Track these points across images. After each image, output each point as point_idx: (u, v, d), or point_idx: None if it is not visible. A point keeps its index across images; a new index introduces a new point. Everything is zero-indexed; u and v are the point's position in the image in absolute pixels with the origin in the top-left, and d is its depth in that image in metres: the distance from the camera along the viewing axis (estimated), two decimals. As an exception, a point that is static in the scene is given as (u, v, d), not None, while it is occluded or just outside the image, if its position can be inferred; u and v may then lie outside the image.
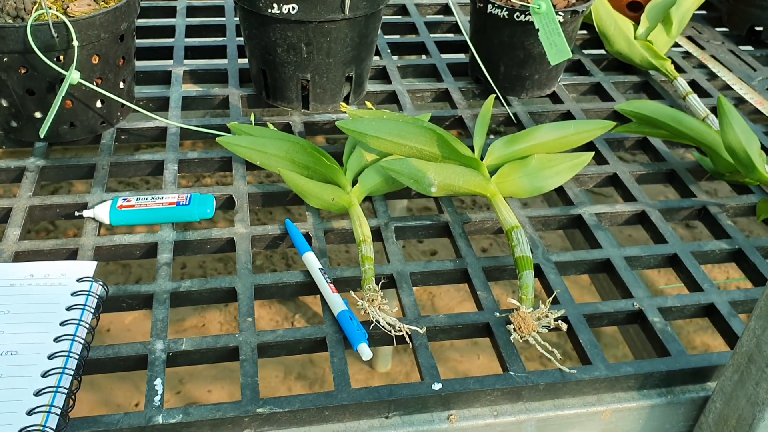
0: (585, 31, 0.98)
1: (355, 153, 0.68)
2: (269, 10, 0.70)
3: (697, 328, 1.72)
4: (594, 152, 0.72)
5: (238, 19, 0.78)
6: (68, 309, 0.52)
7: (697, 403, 0.55)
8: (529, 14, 0.75)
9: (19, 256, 0.59)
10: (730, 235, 0.66)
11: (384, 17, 1.00)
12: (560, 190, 0.71)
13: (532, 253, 0.62)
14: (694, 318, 0.60)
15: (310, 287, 0.59)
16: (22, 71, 0.66)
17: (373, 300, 0.54)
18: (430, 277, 0.61)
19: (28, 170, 0.68)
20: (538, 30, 0.74)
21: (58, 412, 0.46)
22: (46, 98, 0.67)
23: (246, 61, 0.82)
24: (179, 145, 0.73)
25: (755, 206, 0.70)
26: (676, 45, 0.98)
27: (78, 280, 0.55)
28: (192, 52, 0.88)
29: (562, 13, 0.76)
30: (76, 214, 0.64)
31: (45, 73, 0.65)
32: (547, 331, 0.54)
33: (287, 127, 0.76)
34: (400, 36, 0.98)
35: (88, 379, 0.45)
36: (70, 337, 0.50)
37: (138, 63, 0.79)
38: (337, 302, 0.55)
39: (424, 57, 0.94)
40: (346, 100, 0.79)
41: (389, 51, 0.91)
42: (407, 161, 0.64)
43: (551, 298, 0.56)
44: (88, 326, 0.52)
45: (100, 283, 0.55)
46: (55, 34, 0.63)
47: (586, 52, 0.95)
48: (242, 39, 0.79)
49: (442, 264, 0.61)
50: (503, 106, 0.81)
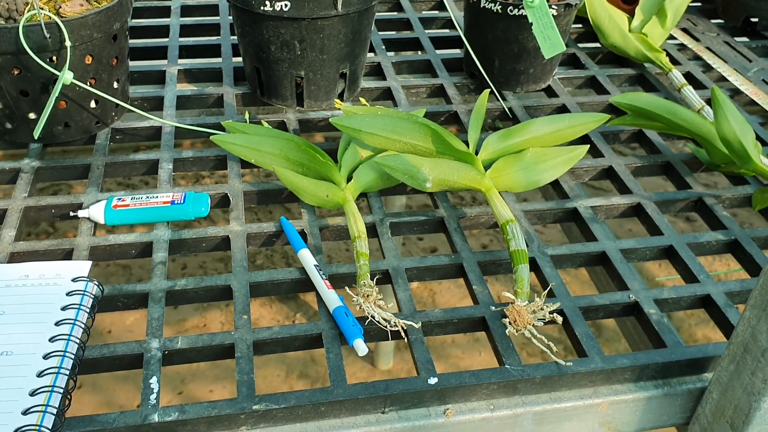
0: (580, 25, 0.98)
1: (350, 149, 0.68)
2: (262, 8, 0.70)
3: (699, 321, 1.72)
4: (589, 145, 0.72)
5: (232, 18, 0.78)
6: (63, 309, 0.52)
7: (694, 394, 0.55)
8: (523, 8, 0.75)
9: (15, 257, 0.59)
10: (726, 226, 0.66)
11: (378, 13, 1.00)
12: (555, 184, 0.71)
13: (528, 246, 0.62)
14: (690, 309, 0.60)
15: (306, 284, 0.59)
16: (15, 72, 0.66)
17: (368, 296, 0.54)
18: (425, 272, 0.61)
19: (22, 171, 0.68)
20: (532, 24, 0.74)
21: (54, 412, 0.46)
22: (40, 99, 0.67)
23: (240, 60, 0.82)
24: (176, 145, 0.73)
25: (751, 197, 0.70)
26: (671, 37, 0.97)
27: (73, 280, 0.55)
28: (186, 52, 0.88)
29: (556, 7, 0.76)
30: (71, 214, 0.64)
31: (38, 73, 0.65)
32: (542, 324, 0.54)
33: (282, 125, 0.76)
34: (395, 32, 0.98)
35: (90, 381, 0.45)
36: (66, 337, 0.50)
37: (132, 63, 0.79)
38: (332, 298, 0.55)
39: (419, 53, 0.94)
40: (341, 96, 0.79)
41: (384, 47, 0.91)
42: (402, 157, 0.64)
43: (546, 291, 0.56)
44: (83, 326, 0.52)
45: (96, 282, 0.55)
46: (48, 35, 0.63)
47: (581, 45, 0.94)
48: (236, 37, 0.79)
49: (437, 259, 0.61)
50: (498, 100, 0.81)
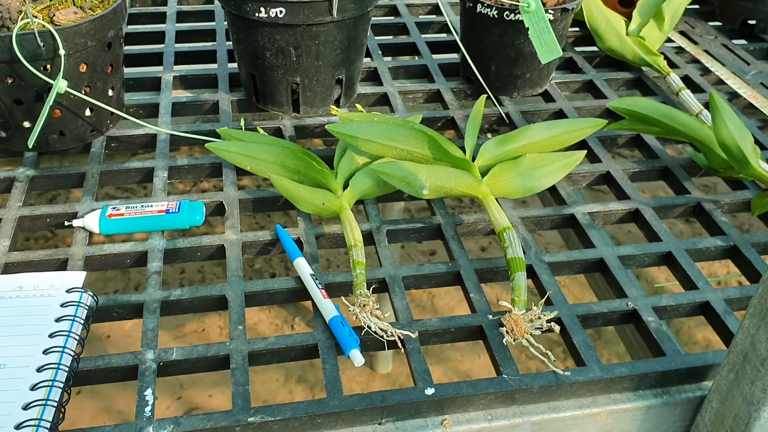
0: (577, 29, 0.98)
1: (346, 156, 0.68)
2: (256, 15, 0.70)
3: (699, 323, 1.71)
4: (586, 151, 0.71)
5: (227, 24, 0.78)
6: (57, 320, 0.52)
7: (694, 403, 0.54)
8: (519, 13, 0.74)
9: (9, 268, 0.59)
10: (725, 232, 0.66)
11: (375, 18, 1.00)
12: (553, 190, 0.70)
13: (525, 253, 0.62)
14: (689, 317, 0.60)
15: (302, 293, 0.58)
16: (9, 81, 0.65)
17: (364, 305, 0.54)
18: (422, 280, 0.61)
19: (17, 180, 0.68)
20: (528, 29, 0.74)
21: (48, 426, 0.45)
22: (35, 108, 0.67)
23: (236, 66, 0.82)
24: (171, 152, 0.72)
25: (750, 202, 0.70)
26: (669, 40, 0.97)
27: (67, 291, 0.54)
28: (182, 58, 0.88)
29: (552, 11, 0.75)
30: (66, 224, 0.63)
31: (32, 82, 0.65)
32: (540, 333, 0.54)
33: (278, 132, 0.76)
34: (392, 37, 0.98)
35: (90, 387, 0.45)
36: (60, 349, 0.50)
37: (127, 70, 0.79)
38: (328, 308, 0.55)
39: (415, 58, 0.93)
40: (337, 102, 0.79)
41: (380, 52, 0.90)
42: (398, 164, 0.64)
43: (544, 300, 0.55)
44: (77, 337, 0.51)
45: (90, 293, 0.55)
46: (42, 43, 0.63)
47: (578, 49, 0.94)
48: (231, 43, 0.79)
49: (434, 267, 0.61)
50: (495, 105, 0.81)
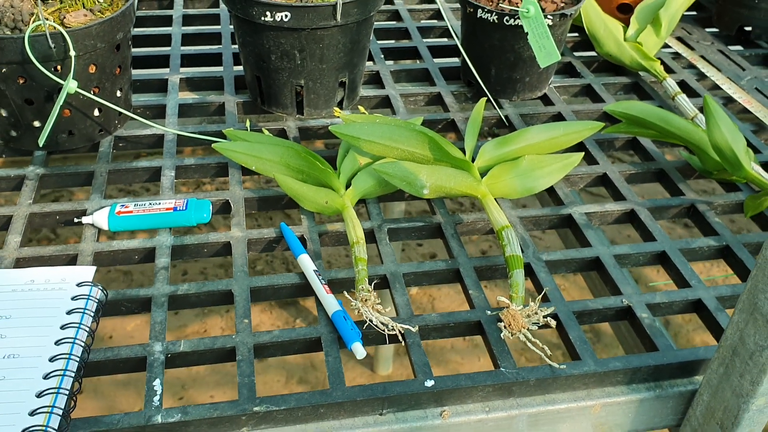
0: (576, 34, 1.00)
1: (349, 157, 0.69)
2: (262, 18, 0.71)
3: (696, 326, 1.73)
4: (584, 153, 0.73)
5: (233, 27, 0.79)
6: (68, 313, 0.53)
7: (685, 397, 0.56)
8: (518, 18, 0.76)
9: (20, 263, 0.61)
10: (718, 232, 0.68)
11: (377, 23, 1.01)
12: (551, 191, 0.72)
13: (523, 252, 0.63)
14: (682, 314, 0.61)
15: (305, 289, 0.60)
16: (21, 81, 0.67)
17: (366, 300, 0.55)
18: (422, 277, 0.62)
19: (27, 178, 0.69)
20: (527, 33, 0.75)
21: (60, 413, 0.47)
22: (45, 107, 0.69)
23: (241, 69, 0.84)
24: (177, 152, 0.74)
25: (743, 203, 0.72)
26: (666, 46, 0.99)
27: (78, 285, 0.56)
28: (188, 60, 0.90)
29: (551, 17, 0.77)
30: (75, 220, 0.65)
31: (43, 82, 0.67)
32: (537, 328, 0.55)
33: (282, 133, 0.78)
34: (394, 41, 1.00)
35: (92, 387, 0.46)
36: (71, 340, 0.51)
37: (135, 71, 0.81)
38: (331, 303, 0.56)
39: (417, 62, 0.95)
40: (340, 105, 0.81)
41: (382, 56, 0.92)
42: (399, 164, 0.65)
43: (541, 296, 0.57)
44: (88, 329, 0.53)
45: (100, 287, 0.56)
46: (53, 45, 0.65)
47: (577, 54, 0.96)
48: (237, 47, 0.80)
49: (434, 264, 0.63)
50: (495, 108, 0.82)
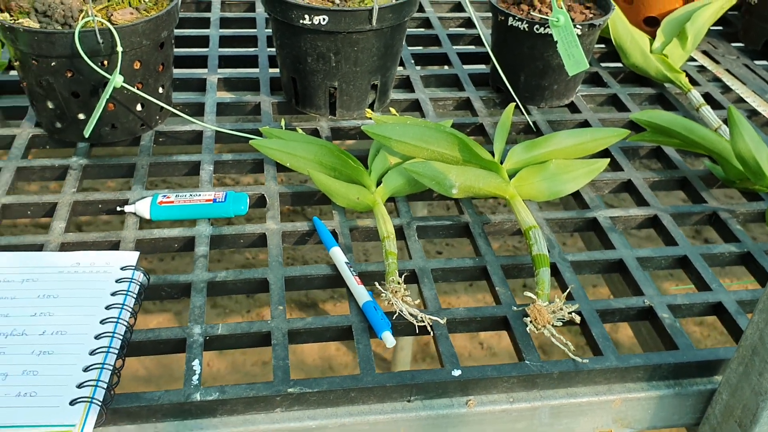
0: (603, 45, 1.01)
1: (380, 156, 0.71)
2: (301, 21, 0.74)
3: (715, 342, 1.73)
4: (609, 159, 0.75)
5: (271, 30, 0.82)
6: (113, 294, 0.56)
7: (705, 396, 0.57)
8: (548, 27, 0.78)
9: (65, 247, 0.63)
10: (739, 239, 0.69)
11: (408, 30, 1.04)
12: (576, 195, 0.74)
13: (549, 252, 0.65)
14: (702, 316, 0.63)
15: (337, 280, 0.62)
16: (69, 75, 0.70)
17: (396, 291, 0.57)
18: (450, 273, 0.64)
19: (71, 168, 0.72)
20: (557, 42, 0.77)
21: (105, 387, 0.49)
22: (90, 101, 0.72)
23: (276, 71, 0.86)
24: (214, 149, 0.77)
25: (765, 212, 0.73)
26: (692, 59, 1.01)
27: (122, 268, 0.58)
28: (225, 62, 0.93)
29: (580, 26, 0.79)
30: (118, 209, 0.68)
31: (90, 76, 0.70)
32: (561, 324, 0.57)
33: (315, 132, 0.80)
34: (424, 47, 1.02)
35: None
36: (115, 320, 0.54)
37: (175, 71, 0.83)
38: (362, 293, 0.58)
39: (446, 68, 0.97)
40: (371, 107, 0.83)
41: (413, 61, 0.95)
42: (429, 164, 0.67)
43: (566, 294, 0.59)
44: (131, 310, 0.55)
45: (142, 271, 0.59)
46: (101, 40, 0.67)
47: (604, 64, 0.98)
48: (273, 49, 0.83)
49: (462, 261, 0.65)
50: (523, 114, 0.84)
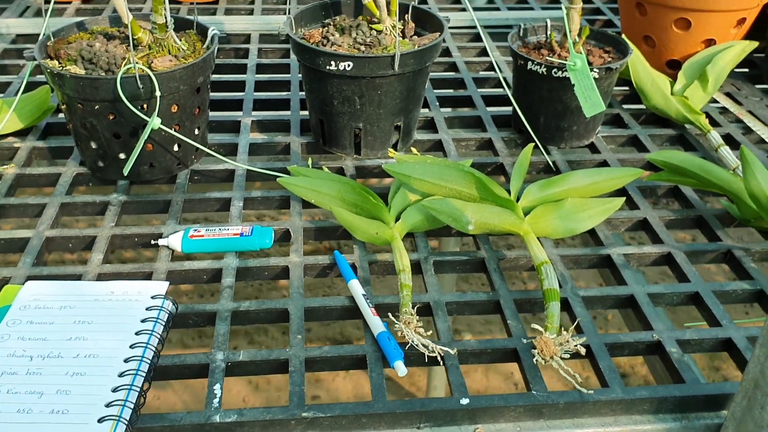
0: (626, 87, 1.04)
1: (400, 193, 0.75)
2: (327, 67, 0.78)
3: (716, 372, 1.71)
4: (625, 198, 0.77)
5: (301, 75, 0.87)
6: (143, 321, 0.60)
7: (712, 429, 0.58)
8: (566, 71, 0.81)
9: (101, 278, 0.68)
10: (752, 277, 0.70)
11: (435, 73, 1.08)
12: (592, 232, 0.76)
13: (562, 287, 0.67)
14: (711, 352, 0.64)
15: (354, 311, 0.65)
16: (111, 117, 0.75)
17: (409, 323, 0.60)
18: (464, 307, 0.67)
19: (111, 204, 0.77)
20: (574, 85, 0.80)
21: (132, 407, 0.53)
22: (130, 141, 0.77)
23: (306, 113, 0.91)
24: (245, 186, 0.81)
25: (780, 251, 0.74)
26: (714, 101, 1.02)
27: (152, 297, 0.62)
28: (260, 104, 0.98)
29: (597, 70, 0.82)
30: (152, 242, 0.72)
31: (130, 119, 0.75)
32: (569, 356, 0.59)
33: (341, 171, 0.84)
34: (452, 90, 1.06)
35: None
36: (144, 345, 0.57)
37: (212, 113, 0.89)
38: (377, 324, 0.61)
39: (470, 109, 1.01)
40: (395, 147, 0.87)
41: (437, 103, 0.98)
42: (447, 201, 0.70)
43: (573, 326, 0.61)
44: (159, 336, 0.59)
45: (171, 300, 0.63)
46: (141, 86, 0.73)
47: (626, 106, 1.00)
48: (304, 93, 0.87)
49: (476, 295, 0.67)
50: (543, 154, 0.87)
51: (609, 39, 0.90)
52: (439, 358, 0.59)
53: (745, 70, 1.13)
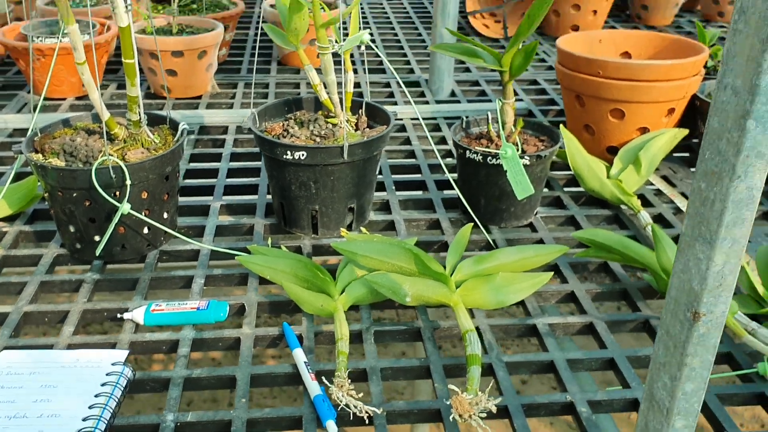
0: (569, 172, 1.13)
1: (347, 269, 0.82)
2: (284, 156, 0.87)
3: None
4: (552, 273, 0.84)
5: (263, 163, 0.96)
6: (102, 385, 0.67)
7: (616, 482, 0.64)
8: (499, 158, 0.90)
9: (71, 347, 0.75)
10: (665, 344, 0.77)
11: (394, 160, 1.17)
12: (522, 303, 0.83)
13: (488, 354, 0.74)
14: (621, 412, 0.70)
15: (297, 378, 0.71)
16: (87, 203, 0.84)
17: (341, 386, 0.67)
18: (399, 372, 0.73)
19: (85, 282, 0.85)
20: (507, 171, 0.89)
21: (85, 461, 0.59)
22: (104, 225, 0.85)
23: (270, 197, 0.99)
24: (210, 265, 0.89)
25: (694, 320, 0.81)
26: (650, 183, 1.11)
27: (112, 364, 0.69)
28: (230, 189, 1.07)
29: (529, 157, 0.91)
30: (118, 316, 0.79)
31: (104, 205, 0.83)
32: (485, 416, 0.65)
33: (299, 249, 0.92)
34: (408, 175, 1.15)
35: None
36: (102, 406, 0.64)
37: (184, 198, 0.97)
38: (314, 388, 0.68)
39: (423, 192, 1.09)
40: (350, 227, 0.95)
41: (393, 187, 1.07)
42: (387, 275, 0.78)
43: (489, 387, 0.67)
44: (117, 399, 0.66)
45: (129, 367, 0.69)
46: (113, 176, 0.81)
47: (567, 189, 1.09)
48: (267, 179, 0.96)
49: (409, 361, 0.74)
50: (483, 233, 0.95)
51: (544, 129, 1.00)
52: (366, 418, 0.66)
53: (685, 155, 1.22)
